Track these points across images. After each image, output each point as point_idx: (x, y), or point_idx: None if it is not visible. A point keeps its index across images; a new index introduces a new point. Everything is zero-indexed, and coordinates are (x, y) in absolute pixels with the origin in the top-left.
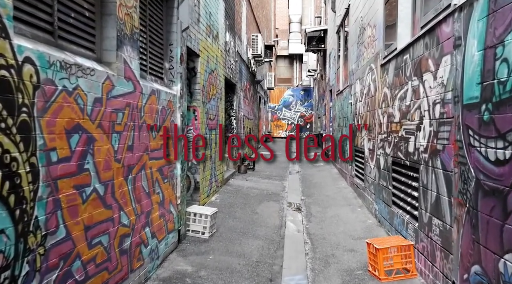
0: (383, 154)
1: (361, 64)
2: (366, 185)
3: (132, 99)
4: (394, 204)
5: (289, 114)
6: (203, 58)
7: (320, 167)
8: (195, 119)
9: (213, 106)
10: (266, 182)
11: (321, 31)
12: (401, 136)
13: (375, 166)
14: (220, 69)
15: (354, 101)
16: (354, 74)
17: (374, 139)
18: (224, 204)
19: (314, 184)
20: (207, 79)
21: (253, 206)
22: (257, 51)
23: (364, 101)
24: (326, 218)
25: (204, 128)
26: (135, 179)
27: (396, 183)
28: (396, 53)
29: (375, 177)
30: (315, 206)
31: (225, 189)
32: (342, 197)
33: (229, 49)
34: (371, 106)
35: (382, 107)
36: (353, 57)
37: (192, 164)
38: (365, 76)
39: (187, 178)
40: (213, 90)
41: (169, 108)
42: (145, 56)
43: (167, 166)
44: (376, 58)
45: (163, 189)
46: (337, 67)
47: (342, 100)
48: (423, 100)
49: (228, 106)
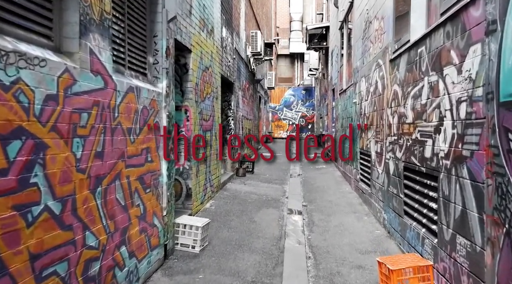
0: (393, 158)
1: (366, 61)
2: (373, 191)
3: (102, 96)
4: (406, 215)
5: (290, 114)
6: (195, 54)
7: (322, 169)
8: (187, 120)
9: (208, 105)
10: (265, 187)
11: (323, 28)
12: (415, 139)
13: (384, 171)
14: (216, 66)
15: (359, 101)
16: (359, 72)
17: (382, 142)
18: (219, 211)
19: (316, 189)
20: (200, 76)
21: (251, 213)
22: (256, 49)
23: (370, 100)
24: (330, 227)
25: (197, 130)
26: (106, 191)
27: (409, 192)
28: (409, 46)
29: (383, 183)
30: (317, 214)
31: (221, 194)
32: (347, 203)
33: (226, 45)
34: (379, 106)
35: (391, 107)
36: (357, 53)
37: (183, 168)
38: (371, 73)
39: (178, 184)
40: (207, 88)
41: (153, 107)
42: (123, 48)
43: (149, 173)
44: (384, 53)
45: (144, 200)
46: (340, 65)
47: (345, 99)
48: (444, 98)
49: (225, 106)
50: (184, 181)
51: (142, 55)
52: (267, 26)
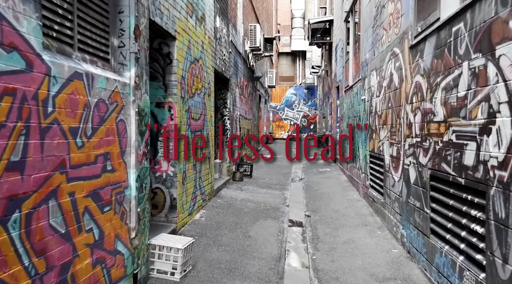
0: (414, 164)
1: (378, 51)
2: (386, 200)
3: (23, 83)
4: (434, 234)
5: (291, 114)
6: (181, 42)
7: (326, 173)
8: (170, 119)
9: (197, 103)
10: (264, 193)
11: (326, 23)
12: (448, 142)
13: (401, 179)
14: (208, 59)
15: (368, 97)
16: (369, 65)
17: (399, 144)
18: (210, 224)
19: (320, 195)
20: (188, 69)
21: (246, 226)
22: (255, 44)
23: (383, 96)
24: (338, 244)
25: (184, 130)
26: (31, 217)
27: (439, 207)
28: (439, 26)
29: (401, 192)
30: (322, 226)
31: (214, 202)
32: (355, 213)
33: (220, 37)
34: (395, 102)
35: (412, 102)
36: (366, 45)
37: (167, 175)
38: (384, 65)
39: (161, 193)
40: (197, 83)
41: (115, 101)
42: (69, 22)
43: (109, 187)
44: (402, 40)
45: (101, 221)
46: (345, 60)
47: (352, 96)
48: (496, 87)
49: (220, 104)
50: (167, 190)
51: (103, 35)
52: (268, 23)
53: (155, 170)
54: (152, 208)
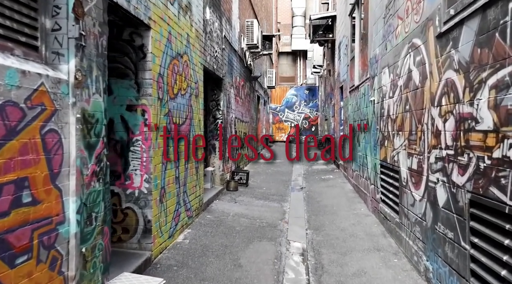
0: (444, 183)
1: (391, 45)
2: (403, 220)
3: None
4: (477, 279)
5: (292, 115)
6: (158, 33)
7: (329, 180)
8: (144, 125)
9: (181, 105)
10: (260, 205)
11: (329, 19)
12: (502, 159)
13: (425, 199)
14: (196, 55)
15: (379, 98)
16: (379, 61)
17: (420, 155)
18: (194, 248)
19: (323, 208)
20: (168, 65)
21: (237, 250)
22: (252, 41)
23: (398, 96)
24: (347, 277)
25: (161, 138)
26: None
27: (485, 244)
28: (487, 2)
29: (423, 215)
30: (327, 250)
31: (203, 218)
32: (365, 232)
33: (211, 31)
34: (415, 104)
35: (441, 105)
36: (376, 38)
37: (140, 193)
38: (400, 61)
39: (133, 215)
40: (181, 82)
41: (39, 104)
42: None
43: (27, 227)
44: (425, 28)
45: (12, 278)
46: (350, 58)
47: (357, 98)
48: None
49: (213, 106)
50: (140, 210)
51: (25, 12)
52: (268, 21)
53: (125, 186)
54: (122, 232)
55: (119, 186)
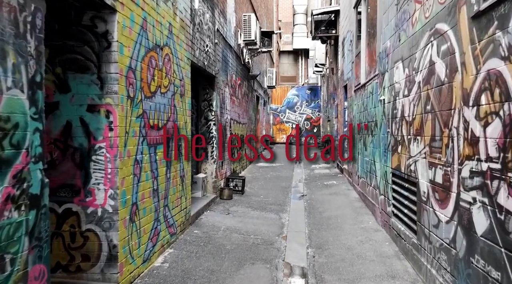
0: (486, 205)
1: (406, 35)
2: (423, 242)
3: None
4: None
5: (293, 116)
6: (128, 18)
7: (332, 187)
8: (109, 129)
9: (161, 105)
10: (256, 217)
11: (332, 14)
12: None
13: (455, 221)
14: (181, 49)
15: (390, 97)
16: (390, 55)
17: (448, 167)
18: (173, 275)
19: (327, 221)
20: (142, 58)
21: (225, 278)
22: (250, 37)
23: (416, 95)
24: None
25: (133, 144)
26: None
27: None
28: None
29: (453, 241)
30: (332, 277)
31: (189, 234)
32: (375, 252)
33: (201, 23)
34: (440, 103)
35: (480, 104)
36: (387, 29)
37: (104, 212)
38: (418, 52)
39: (95, 239)
40: (161, 79)
41: None
42: None
43: None
44: (454, 9)
45: None
46: (355, 53)
47: (364, 97)
48: None
49: (205, 106)
50: (104, 233)
51: None
52: (268, 18)
53: (86, 204)
54: (82, 260)
55: (78, 204)
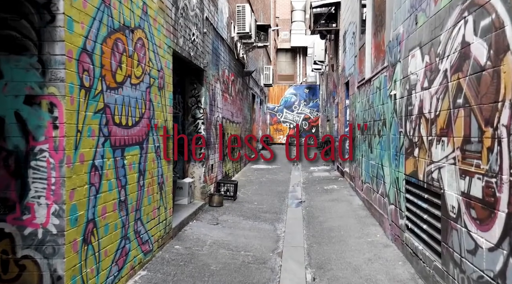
0: None
1: (426, 15)
2: (451, 269)
3: None
4: None
5: (291, 116)
6: None
7: (333, 192)
8: (53, 127)
9: (131, 99)
10: (248, 228)
11: (332, 7)
12: None
13: (504, 250)
14: (161, 34)
15: (403, 92)
16: (403, 43)
17: (492, 177)
18: None
19: (328, 233)
20: (103, 39)
21: None
22: (244, 29)
23: (442, 86)
24: None
25: (90, 146)
26: None
27: None
28: None
29: (501, 276)
30: None
31: (168, 251)
32: (387, 275)
33: (185, 7)
34: (478, 95)
35: None
36: (399, 13)
37: (46, 234)
38: (443, 34)
39: (34, 268)
40: (131, 67)
41: None
42: None
43: None
44: None
45: None
46: (359, 46)
47: (369, 93)
48: None
49: (192, 102)
50: (46, 261)
51: None
52: (265, 14)
53: (22, 223)
54: None
55: (13, 223)
